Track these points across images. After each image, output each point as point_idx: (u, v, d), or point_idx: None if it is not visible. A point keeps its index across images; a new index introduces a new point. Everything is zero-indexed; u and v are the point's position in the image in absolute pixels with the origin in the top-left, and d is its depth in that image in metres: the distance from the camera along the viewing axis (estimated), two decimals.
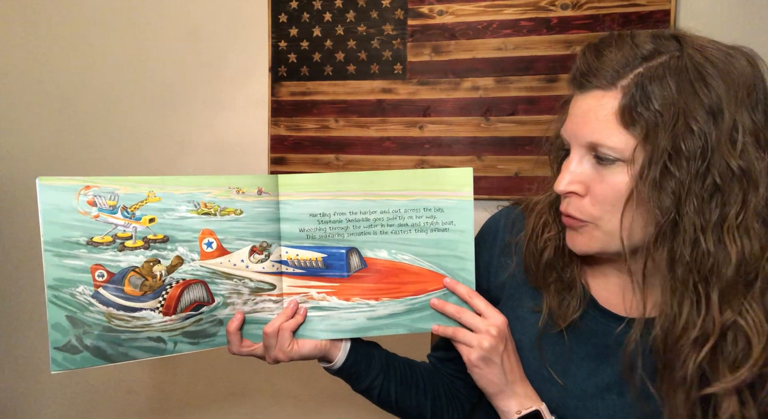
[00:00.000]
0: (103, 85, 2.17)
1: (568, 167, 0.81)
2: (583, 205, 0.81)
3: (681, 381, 0.77)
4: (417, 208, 0.94)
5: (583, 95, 0.80)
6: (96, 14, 2.16)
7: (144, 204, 0.87)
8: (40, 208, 0.83)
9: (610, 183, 0.78)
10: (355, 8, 1.90)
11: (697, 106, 0.72)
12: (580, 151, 0.80)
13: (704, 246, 0.73)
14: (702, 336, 0.75)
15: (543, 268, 0.92)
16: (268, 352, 0.95)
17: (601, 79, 0.77)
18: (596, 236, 0.82)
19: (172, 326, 0.90)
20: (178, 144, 2.12)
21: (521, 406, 0.89)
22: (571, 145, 0.82)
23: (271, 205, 0.93)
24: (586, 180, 0.80)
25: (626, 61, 0.76)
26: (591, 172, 0.80)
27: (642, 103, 0.73)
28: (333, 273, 0.96)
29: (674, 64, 0.74)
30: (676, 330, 0.76)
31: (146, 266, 0.88)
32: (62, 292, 0.85)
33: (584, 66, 0.79)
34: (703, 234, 0.73)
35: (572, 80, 0.82)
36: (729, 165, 0.71)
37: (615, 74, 0.76)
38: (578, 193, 0.81)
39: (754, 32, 1.58)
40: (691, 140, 0.71)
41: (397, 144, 1.89)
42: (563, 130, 0.83)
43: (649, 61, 0.75)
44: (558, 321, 0.90)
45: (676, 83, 0.73)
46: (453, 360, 1.05)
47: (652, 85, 0.73)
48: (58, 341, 0.85)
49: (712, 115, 0.71)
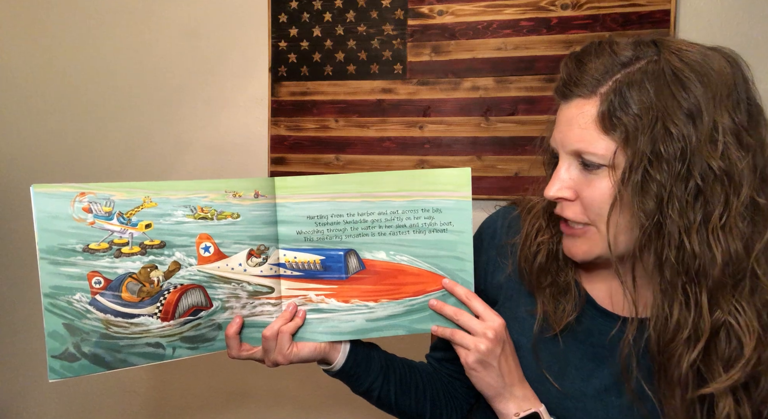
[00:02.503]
0: (104, 86, 2.18)
1: (557, 174, 0.83)
2: (576, 209, 0.83)
3: (677, 381, 0.78)
4: (415, 209, 0.94)
5: (566, 104, 0.81)
6: (96, 15, 2.16)
7: (140, 209, 0.87)
8: (35, 215, 0.82)
9: (597, 188, 0.79)
10: (355, 8, 1.90)
11: (676, 109, 0.72)
12: (568, 159, 0.82)
13: (689, 248, 0.74)
14: (694, 336, 0.76)
15: (537, 273, 0.92)
16: (267, 356, 0.95)
17: (581, 87, 0.78)
18: (597, 241, 0.82)
19: (171, 331, 0.90)
20: (178, 144, 2.12)
21: (519, 408, 0.89)
22: (559, 153, 0.83)
23: (268, 208, 0.93)
24: (574, 186, 0.82)
25: (605, 68, 0.77)
26: (579, 177, 0.81)
27: (621, 108, 0.74)
28: (331, 276, 0.95)
29: (651, 69, 0.74)
30: (668, 331, 0.77)
31: (143, 272, 0.88)
32: (59, 300, 0.84)
33: (566, 76, 0.81)
34: (687, 236, 0.74)
35: (556, 90, 0.84)
36: (710, 166, 0.72)
37: (595, 82, 0.77)
38: (568, 198, 0.82)
39: (754, 32, 1.58)
40: (671, 143, 0.72)
41: (397, 144, 1.89)
42: (551, 139, 0.85)
43: (627, 67, 0.76)
44: (553, 325, 0.90)
45: (654, 87, 0.73)
46: (451, 360, 1.05)
47: (630, 91, 0.74)
48: (56, 349, 0.85)
49: (691, 117, 0.72)
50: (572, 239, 0.85)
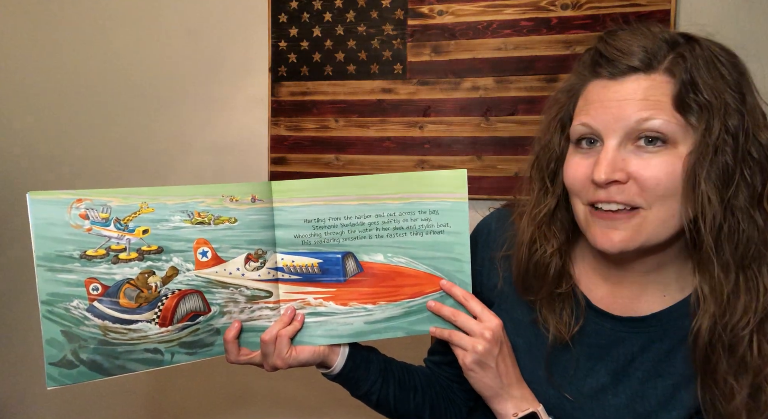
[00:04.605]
0: (104, 85, 2.18)
1: (606, 155, 0.78)
2: (630, 191, 0.78)
3: (739, 366, 0.76)
4: (412, 211, 0.94)
5: (617, 80, 0.79)
6: (96, 15, 2.16)
7: (137, 215, 0.87)
8: (32, 223, 0.82)
9: (661, 167, 0.76)
10: (355, 8, 1.90)
11: (728, 89, 0.75)
12: (618, 138, 0.78)
13: (759, 221, 0.76)
14: (764, 318, 0.76)
15: (541, 283, 0.91)
16: (266, 360, 0.96)
17: (635, 60, 0.77)
18: (644, 226, 0.78)
19: (169, 337, 0.90)
20: (178, 144, 2.13)
21: (517, 408, 0.89)
22: (605, 133, 0.79)
23: (265, 212, 0.93)
24: (627, 167, 0.78)
25: (653, 44, 0.78)
26: (633, 158, 0.78)
27: (692, 88, 0.75)
28: (329, 279, 0.95)
29: (699, 53, 0.77)
30: (735, 312, 0.76)
31: (141, 278, 0.88)
32: (56, 307, 0.84)
33: (611, 51, 0.79)
34: (756, 208, 0.76)
35: (595, 66, 0.81)
36: (760, 140, 0.76)
37: (650, 56, 0.77)
38: (621, 180, 0.78)
39: (754, 32, 1.57)
40: (734, 119, 0.75)
41: (397, 144, 1.88)
42: (590, 119, 0.80)
43: (675, 47, 0.78)
44: (556, 335, 0.89)
45: (708, 69, 0.76)
46: (449, 364, 1.05)
47: (695, 71, 0.76)
48: (54, 356, 0.85)
49: (743, 97, 0.76)
50: (611, 227, 0.80)
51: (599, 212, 0.81)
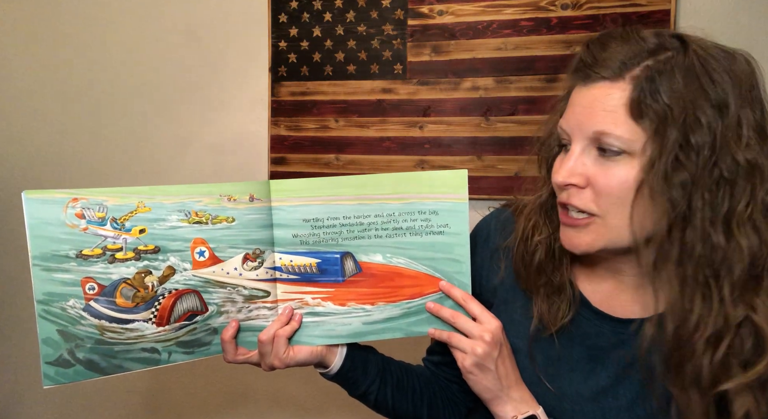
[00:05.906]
0: (104, 86, 2.18)
1: (569, 158, 0.80)
2: (585, 197, 0.80)
3: (695, 379, 0.76)
4: (411, 211, 0.93)
5: (587, 87, 0.79)
6: (96, 15, 2.16)
7: (133, 215, 0.87)
8: (27, 222, 0.82)
9: (616, 176, 0.77)
10: (355, 8, 1.89)
11: (704, 101, 0.73)
12: (582, 143, 0.80)
13: (715, 240, 0.73)
14: (716, 332, 0.75)
15: (533, 272, 0.91)
16: (263, 359, 0.95)
17: (607, 70, 0.77)
18: (602, 232, 0.80)
19: (166, 336, 0.90)
20: (178, 144, 2.12)
21: (517, 411, 0.89)
22: (573, 137, 0.81)
23: (263, 212, 0.93)
24: (586, 172, 0.79)
25: (633, 53, 0.76)
26: (593, 164, 0.79)
27: (651, 95, 0.74)
28: (328, 279, 0.95)
29: (681, 60, 0.74)
30: (689, 326, 0.75)
31: (138, 277, 0.87)
32: (52, 306, 0.84)
33: (589, 58, 0.79)
34: (713, 227, 0.73)
35: (575, 72, 0.82)
36: (735, 158, 0.72)
37: (622, 66, 0.76)
38: (578, 185, 0.80)
39: (754, 32, 1.57)
40: (700, 134, 0.72)
41: (397, 144, 1.88)
42: (563, 122, 0.83)
43: (655, 55, 0.76)
44: (548, 326, 0.90)
45: (684, 78, 0.73)
46: (448, 364, 1.05)
47: (660, 78, 0.74)
48: (50, 355, 0.85)
49: (719, 109, 0.73)
50: (574, 230, 0.83)
51: (564, 214, 0.84)
